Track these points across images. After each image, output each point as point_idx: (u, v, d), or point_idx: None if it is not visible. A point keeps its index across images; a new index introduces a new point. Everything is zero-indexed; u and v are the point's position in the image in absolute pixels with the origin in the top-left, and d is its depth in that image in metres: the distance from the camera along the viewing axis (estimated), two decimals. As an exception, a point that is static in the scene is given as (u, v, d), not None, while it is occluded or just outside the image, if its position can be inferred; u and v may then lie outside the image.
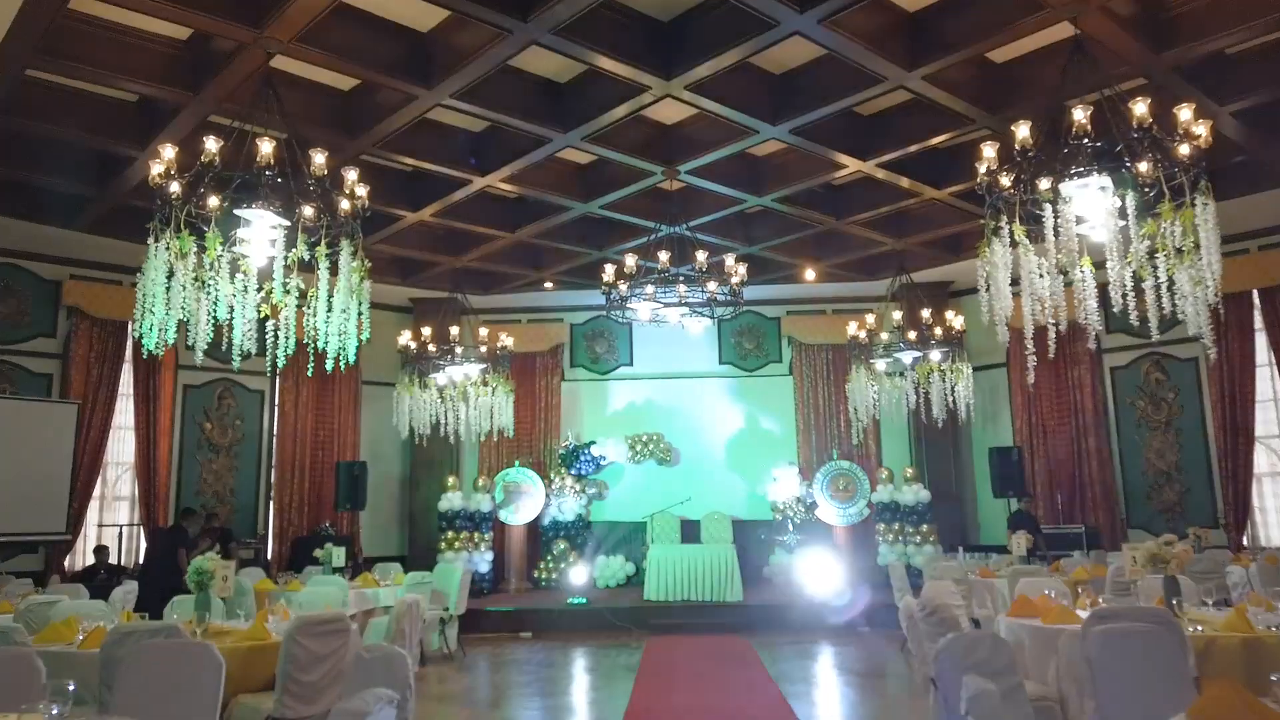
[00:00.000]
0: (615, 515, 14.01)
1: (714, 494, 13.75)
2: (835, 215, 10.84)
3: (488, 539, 13.06)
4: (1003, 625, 4.74)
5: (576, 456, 13.91)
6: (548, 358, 14.47)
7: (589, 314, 14.66)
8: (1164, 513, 11.99)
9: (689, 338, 14.39)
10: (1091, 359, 12.57)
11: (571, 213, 10.54)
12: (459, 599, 9.19)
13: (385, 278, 12.85)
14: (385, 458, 14.03)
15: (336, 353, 6.86)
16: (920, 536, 12.37)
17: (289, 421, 13.06)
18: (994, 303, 6.56)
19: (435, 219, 10.68)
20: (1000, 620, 4.86)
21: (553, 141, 8.52)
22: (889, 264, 12.94)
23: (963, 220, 11.04)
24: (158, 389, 11.95)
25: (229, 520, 12.42)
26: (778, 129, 8.30)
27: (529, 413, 14.27)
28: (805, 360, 14.24)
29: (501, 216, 10.99)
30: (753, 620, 10.86)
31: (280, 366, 6.70)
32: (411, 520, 13.91)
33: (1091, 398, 12.53)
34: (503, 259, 12.47)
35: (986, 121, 8.15)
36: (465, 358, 11.46)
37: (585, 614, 11.06)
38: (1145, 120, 5.67)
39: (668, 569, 11.54)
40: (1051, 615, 4.57)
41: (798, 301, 14.40)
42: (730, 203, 10.37)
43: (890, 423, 13.45)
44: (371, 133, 8.25)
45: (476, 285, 13.50)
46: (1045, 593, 5.17)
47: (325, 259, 6.27)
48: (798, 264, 12.79)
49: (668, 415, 14.30)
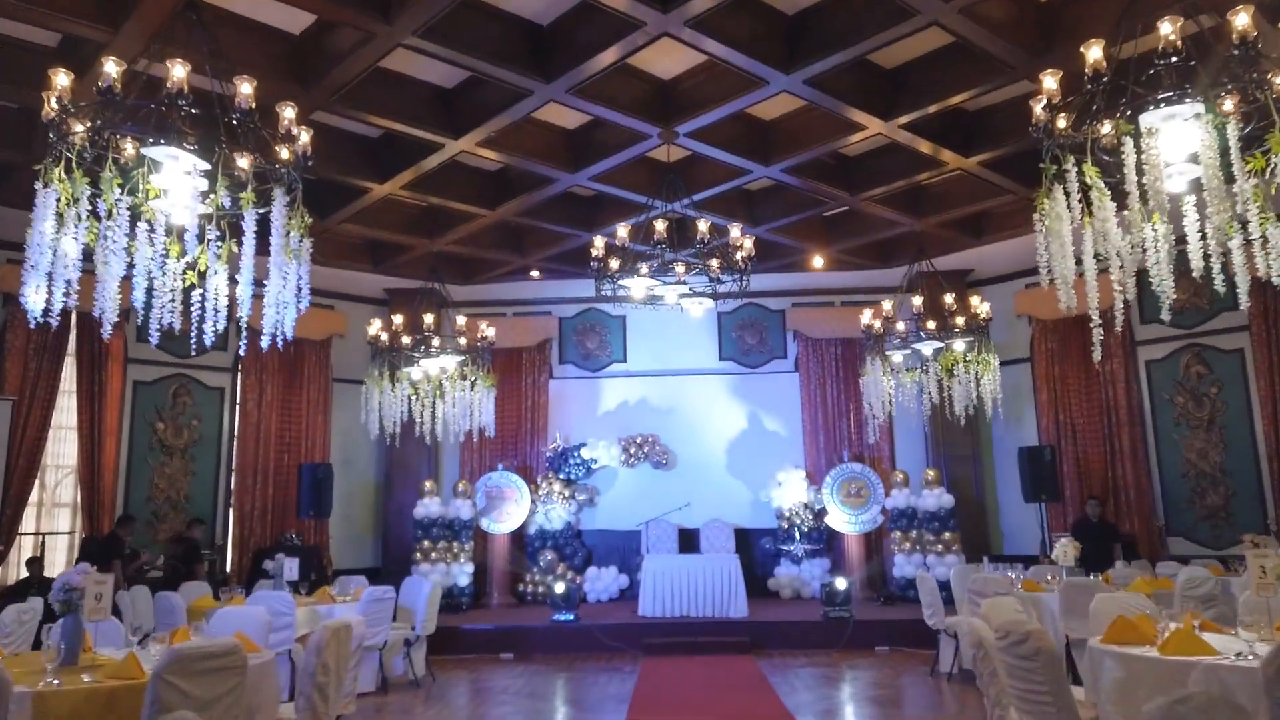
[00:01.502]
0: (607, 523, 12.94)
1: (714, 500, 12.68)
2: (849, 190, 9.80)
3: (468, 549, 11.96)
4: (1103, 656, 3.68)
5: (565, 460, 12.85)
6: (535, 354, 13.40)
7: (579, 306, 13.62)
8: (1207, 519, 10.94)
9: (686, 332, 13.40)
10: (1125, 351, 11.55)
11: (557, 185, 9.48)
12: (427, 617, 8.09)
13: (355, 264, 11.80)
14: (358, 462, 12.94)
15: (274, 329, 5.76)
16: (942, 545, 11.31)
17: (251, 421, 11.95)
18: (1055, 263, 5.45)
19: (407, 194, 9.62)
20: (1091, 647, 3.80)
21: (534, 94, 7.46)
22: (904, 249, 11.91)
23: (988, 195, 10.03)
24: (104, 385, 10.84)
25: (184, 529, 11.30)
26: (790, 79, 7.26)
27: (514, 413, 13.20)
28: (812, 355, 13.19)
29: (480, 191, 9.93)
30: (759, 638, 9.76)
31: (209, 346, 5.64)
32: (386, 529, 12.79)
33: (1125, 394, 11.49)
34: (484, 242, 11.41)
35: (1029, 69, 7.10)
36: (442, 349, 10.38)
37: (573, 633, 9.95)
38: (1249, 34, 4.64)
39: (664, 582, 10.45)
40: (1172, 645, 3.50)
41: (804, 293, 13.37)
42: (734, 174, 9.33)
43: (904, 422, 12.43)
44: (326, 82, 7.18)
45: (456, 273, 12.45)
46: (1142, 612, 4.10)
47: (252, 207, 5.18)
48: (806, 250, 11.75)
49: (664, 415, 13.24)
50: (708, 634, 9.79)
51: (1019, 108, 8.51)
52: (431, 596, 8.16)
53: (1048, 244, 5.53)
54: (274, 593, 6.97)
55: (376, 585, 7.93)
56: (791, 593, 12.23)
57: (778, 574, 12.35)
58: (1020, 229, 11.04)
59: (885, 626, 9.76)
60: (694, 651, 9.48)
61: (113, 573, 8.95)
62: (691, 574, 10.45)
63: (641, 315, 13.46)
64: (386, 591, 7.39)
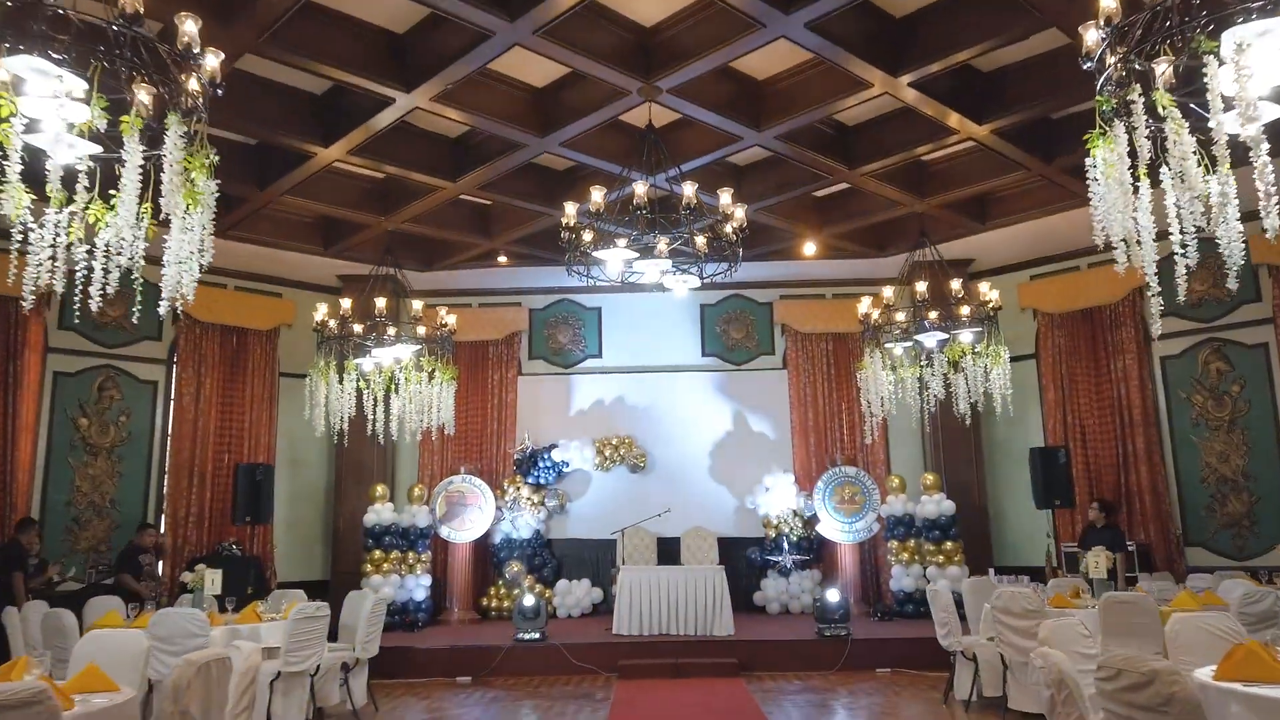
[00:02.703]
0: (580, 532, 11.92)
1: (696, 507, 11.70)
2: (846, 163, 8.90)
3: (424, 560, 10.89)
4: (1227, 699, 2.75)
5: (534, 462, 11.83)
6: (502, 347, 12.38)
7: (551, 297, 12.63)
8: (1229, 528, 10.10)
9: (667, 326, 12.47)
10: (1139, 346, 10.73)
11: (525, 152, 8.49)
12: (368, 637, 7.03)
13: (303, 244, 10.73)
14: (307, 463, 11.84)
15: (173, 291, 4.70)
16: (943, 556, 10.39)
17: (188, 418, 10.83)
18: (1111, 215, 4.47)
19: (358, 162, 8.60)
20: (1205, 685, 2.87)
21: (496, 35, 6.49)
22: (902, 235, 11.06)
23: (997, 172, 9.20)
24: (19, 375, 9.69)
25: (107, 537, 10.18)
26: (789, 20, 6.33)
27: (479, 411, 12.17)
28: (802, 352, 12.27)
29: (440, 159, 8.92)
30: (748, 658, 8.77)
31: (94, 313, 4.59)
32: (335, 537, 11.69)
33: (1139, 392, 10.65)
34: (445, 221, 10.40)
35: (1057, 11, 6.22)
36: (398, 338, 9.34)
37: (539, 653, 8.91)
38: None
39: (642, 596, 9.44)
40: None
41: (793, 284, 12.46)
42: (722, 140, 8.40)
43: (900, 423, 11.52)
44: (251, 14, 6.17)
45: (416, 258, 11.42)
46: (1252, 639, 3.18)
47: (135, 133, 4.15)
48: (796, 234, 10.85)
49: (642, 415, 12.26)
50: (690, 654, 8.79)
51: (1037, 67, 7.75)
52: (372, 613, 7.10)
53: (1105, 194, 4.57)
54: (183, 611, 5.90)
55: (320, 600, 6.88)
56: (779, 607, 11.27)
57: (764, 587, 11.40)
58: (1029, 212, 10.24)
59: (886, 646, 8.81)
60: (675, 674, 8.48)
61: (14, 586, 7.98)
62: (672, 587, 9.46)
63: (618, 307, 12.54)
64: (319, 609, 6.33)
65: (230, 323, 11.28)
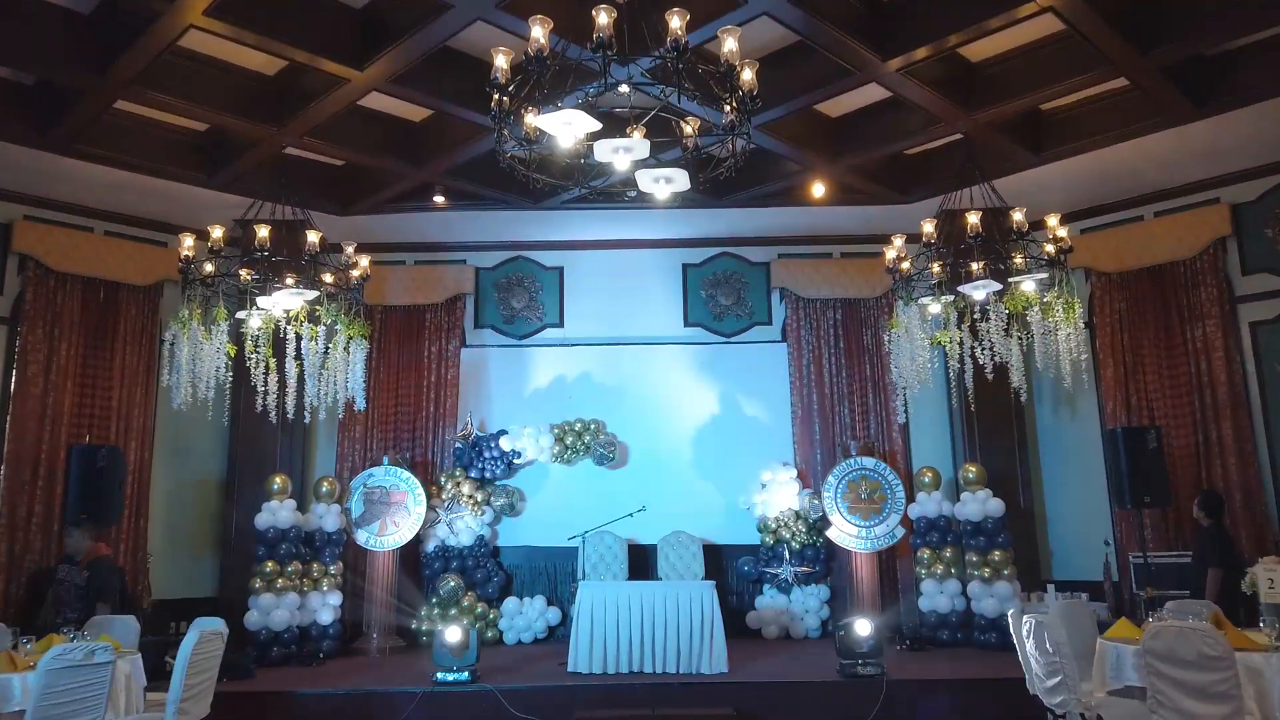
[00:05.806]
0: (533, 538, 9.69)
1: (677, 507, 9.52)
2: (879, 51, 6.76)
3: (333, 574, 8.62)
4: None
5: (479, 452, 9.63)
6: (442, 314, 10.15)
7: (502, 254, 10.45)
8: (1340, 531, 8.10)
9: (642, 289, 10.29)
10: (1222, 311, 8.70)
11: (450, 18, 6.25)
12: (192, 692, 4.74)
13: (180, 169, 8.40)
14: (195, 451, 9.53)
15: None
16: (989, 569, 8.28)
17: (34, 393, 8.48)
18: None
19: (222, 29, 6.29)
20: None
21: None
22: (932, 170, 8.99)
23: (1072, 71, 7.08)
24: None
25: None
26: None
27: (410, 390, 9.94)
28: (804, 321, 10.15)
29: (340, 36, 6.67)
30: (750, 709, 6.54)
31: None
32: (225, 545, 9.38)
33: (1224, 367, 8.60)
34: (361, 140, 8.15)
35: None
36: (297, 281, 7.06)
37: (465, 702, 6.62)
38: None
39: (607, 621, 7.20)
40: None
41: (795, 240, 10.35)
42: (718, 9, 6.23)
43: (921, 405, 9.49)
44: None
45: (329, 196, 9.16)
46: None
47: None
48: (804, 167, 8.72)
49: (612, 396, 10.08)
50: (673, 702, 6.54)
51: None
52: (200, 658, 4.80)
53: None
54: None
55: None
56: (778, 630, 9.13)
57: (760, 605, 9.26)
58: (1101, 135, 8.13)
59: (933, 690, 6.61)
60: (650, 729, 6.27)
61: None
62: (647, 609, 7.24)
63: (584, 266, 10.39)
64: (98, 651, 4.06)
65: (98, 274, 8.98)
